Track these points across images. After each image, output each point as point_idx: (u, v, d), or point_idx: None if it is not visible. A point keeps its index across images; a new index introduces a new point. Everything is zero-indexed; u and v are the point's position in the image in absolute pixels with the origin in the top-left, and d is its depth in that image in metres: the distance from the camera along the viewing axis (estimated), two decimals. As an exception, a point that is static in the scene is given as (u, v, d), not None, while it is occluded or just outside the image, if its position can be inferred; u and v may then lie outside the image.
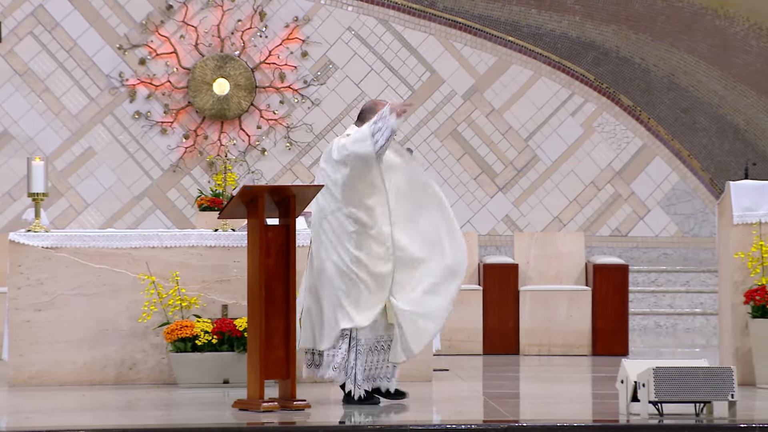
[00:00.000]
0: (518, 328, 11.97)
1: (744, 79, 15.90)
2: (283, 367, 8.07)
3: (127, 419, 8.02)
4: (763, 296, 9.15)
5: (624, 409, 7.69)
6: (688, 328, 14.66)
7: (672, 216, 15.90)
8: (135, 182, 15.53)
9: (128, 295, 9.47)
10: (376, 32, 15.78)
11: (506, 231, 15.63)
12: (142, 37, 15.53)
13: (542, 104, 15.86)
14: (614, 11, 15.78)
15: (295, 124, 15.69)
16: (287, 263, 8.11)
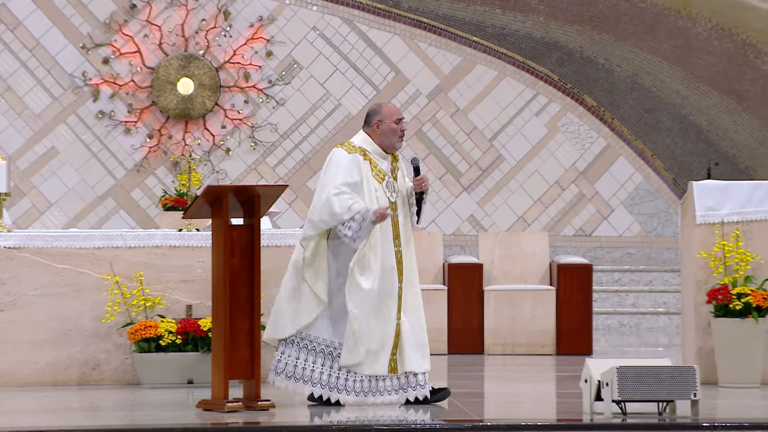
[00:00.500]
0: (483, 328, 12.00)
1: (706, 79, 15.99)
2: (248, 367, 8.06)
3: (90, 420, 7.98)
4: (726, 295, 9.21)
5: (588, 409, 7.72)
6: (651, 328, 14.73)
7: (635, 216, 15.97)
8: (98, 182, 15.46)
9: (92, 296, 9.43)
10: (341, 32, 15.77)
11: (471, 231, 15.66)
12: (105, 37, 15.46)
13: (507, 104, 15.90)
14: (578, 12, 15.83)
15: (260, 124, 15.67)
16: (252, 263, 8.09)
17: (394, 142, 8.24)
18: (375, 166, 8.19)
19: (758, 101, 16.00)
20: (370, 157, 8.21)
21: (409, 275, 8.19)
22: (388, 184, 8.19)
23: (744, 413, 8.05)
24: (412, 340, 8.11)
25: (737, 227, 9.41)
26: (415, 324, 8.17)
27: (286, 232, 9.75)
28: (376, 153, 8.24)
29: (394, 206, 8.18)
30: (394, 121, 8.23)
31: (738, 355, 9.17)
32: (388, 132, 8.23)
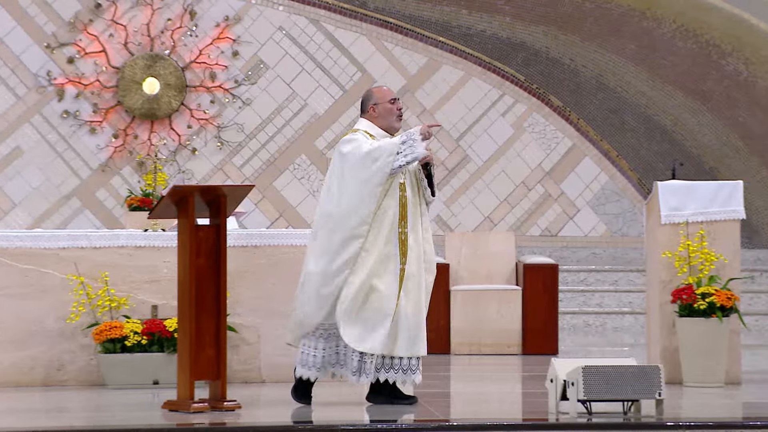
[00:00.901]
0: (449, 328, 12.01)
1: (671, 80, 16.07)
2: (214, 367, 8.04)
3: (55, 421, 7.94)
4: (690, 295, 9.25)
5: (553, 408, 7.74)
6: (616, 327, 14.79)
7: (601, 216, 16.04)
8: (63, 182, 15.39)
9: (56, 296, 9.38)
10: (307, 32, 15.76)
11: (437, 231, 15.68)
12: (70, 36, 15.39)
13: (473, 104, 15.93)
14: (544, 12, 15.88)
15: (226, 124, 15.63)
16: (218, 263, 8.07)
17: (392, 122, 8.25)
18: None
19: (722, 102, 16.09)
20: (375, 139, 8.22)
21: (413, 259, 8.12)
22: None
23: (708, 413, 8.09)
24: (404, 323, 8.08)
25: (702, 227, 9.46)
26: (412, 307, 8.13)
27: (252, 233, 9.74)
28: (380, 137, 8.24)
29: (403, 187, 8.16)
30: (388, 101, 8.25)
31: (702, 354, 9.21)
32: (384, 113, 8.25)
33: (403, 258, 8.09)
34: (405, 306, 8.09)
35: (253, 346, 9.57)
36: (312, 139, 15.69)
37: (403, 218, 8.13)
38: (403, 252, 8.10)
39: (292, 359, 9.56)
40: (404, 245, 8.11)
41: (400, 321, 8.07)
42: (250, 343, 9.58)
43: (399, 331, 8.08)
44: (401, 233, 8.12)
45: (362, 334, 8.03)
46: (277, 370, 9.53)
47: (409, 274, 8.10)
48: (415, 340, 8.10)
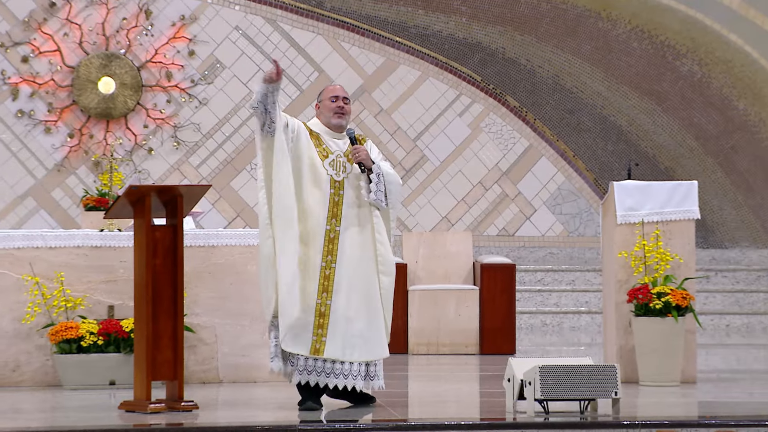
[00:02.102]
0: (407, 328, 12.02)
1: (626, 80, 16.16)
2: (171, 368, 8.01)
3: (10, 422, 7.88)
4: (646, 295, 9.30)
5: (511, 408, 7.76)
6: (573, 327, 14.86)
7: (558, 216, 16.11)
8: (18, 182, 15.28)
9: (12, 296, 9.31)
10: (264, 32, 15.73)
11: (395, 231, 15.69)
12: (24, 35, 15.28)
13: (430, 105, 15.96)
14: (500, 13, 15.93)
15: (183, 124, 15.58)
16: (175, 264, 8.04)
17: (329, 118, 8.15)
18: (320, 144, 8.11)
19: (677, 102, 16.20)
20: (317, 135, 8.13)
21: (346, 259, 8.02)
22: (333, 162, 8.08)
23: (664, 411, 8.14)
24: (341, 326, 8.01)
25: (657, 227, 9.52)
26: (354, 310, 8.03)
27: (209, 232, 9.70)
28: (325, 133, 8.17)
29: (339, 185, 8.06)
30: (329, 98, 8.17)
31: (658, 353, 9.27)
32: (324, 110, 8.19)
33: (327, 257, 8.00)
34: (336, 308, 8.01)
35: (210, 347, 9.54)
36: (269, 138, 15.65)
37: (334, 216, 8.06)
38: (329, 250, 8.03)
39: (250, 359, 9.55)
40: (332, 244, 8.04)
41: (331, 323, 7.99)
42: (207, 344, 9.55)
43: (331, 333, 7.99)
44: (329, 231, 8.03)
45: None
46: (234, 371, 9.50)
47: (339, 275, 7.98)
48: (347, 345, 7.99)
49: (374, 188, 8.06)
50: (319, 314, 7.96)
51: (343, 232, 8.03)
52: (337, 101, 8.17)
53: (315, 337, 7.95)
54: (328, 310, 7.97)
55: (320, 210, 8.02)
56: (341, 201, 8.07)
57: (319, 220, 8.01)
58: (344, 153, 8.12)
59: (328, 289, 7.98)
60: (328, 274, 7.99)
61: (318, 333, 7.95)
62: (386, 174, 8.12)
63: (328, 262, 7.99)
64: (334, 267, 7.99)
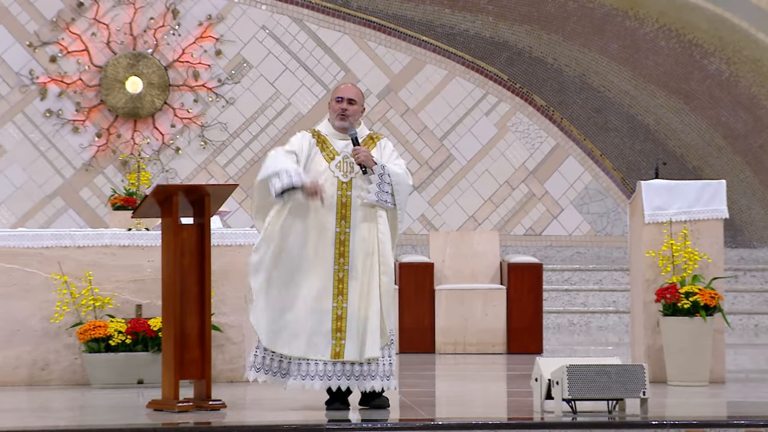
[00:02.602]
0: (434, 327, 12.01)
1: (654, 79, 16.11)
2: (198, 367, 8.02)
3: (39, 421, 7.92)
4: (674, 294, 9.27)
5: (538, 407, 7.75)
6: (601, 326, 14.82)
7: (585, 215, 16.06)
8: (47, 181, 15.34)
9: (40, 295, 9.35)
10: (291, 31, 15.75)
11: (422, 230, 15.69)
12: (52, 35, 15.35)
13: (456, 104, 15.94)
14: (527, 12, 15.90)
15: (210, 123, 15.61)
16: (202, 263, 8.05)
17: (333, 119, 8.08)
18: (328, 146, 8.05)
19: (705, 101, 16.14)
20: (324, 138, 8.06)
21: (356, 259, 7.95)
22: (339, 164, 8.00)
23: (692, 411, 8.11)
24: (355, 327, 7.94)
25: (685, 226, 9.48)
26: (364, 310, 7.97)
27: (236, 232, 9.72)
28: (331, 134, 8.10)
29: (347, 186, 7.97)
30: (334, 99, 8.10)
31: (686, 353, 9.24)
32: (330, 111, 8.13)
33: (339, 259, 7.94)
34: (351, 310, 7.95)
35: (237, 346, 9.56)
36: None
37: (343, 218, 7.96)
38: (340, 253, 7.95)
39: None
40: (343, 246, 7.96)
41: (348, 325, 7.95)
42: (234, 343, 9.56)
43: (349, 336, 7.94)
44: (339, 233, 7.95)
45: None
46: (261, 370, 9.51)
47: (351, 277, 7.91)
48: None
49: (375, 189, 7.94)
50: (337, 317, 7.93)
51: (352, 232, 7.96)
52: (341, 102, 8.05)
53: (334, 341, 7.92)
54: (345, 313, 7.93)
55: (328, 216, 7.96)
56: (349, 202, 7.98)
57: (328, 223, 7.96)
58: (351, 153, 8.02)
59: (342, 292, 7.93)
60: (342, 276, 7.93)
61: (337, 336, 7.92)
62: (393, 174, 7.98)
63: (340, 265, 7.94)
64: (346, 269, 7.93)
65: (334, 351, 7.89)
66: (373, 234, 7.99)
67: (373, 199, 7.93)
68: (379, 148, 8.10)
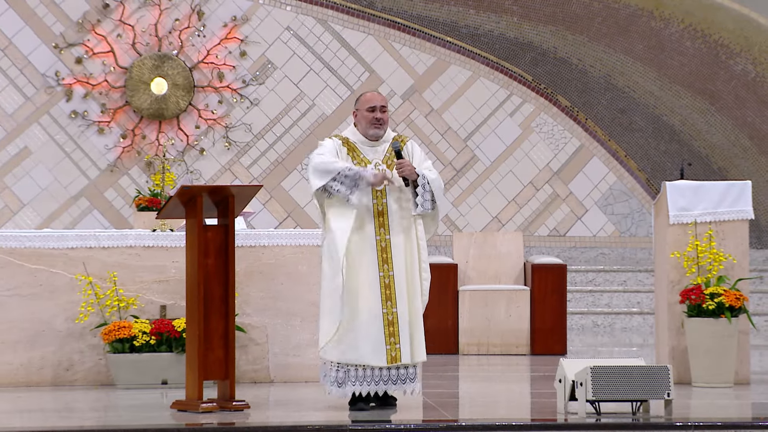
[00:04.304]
0: (457, 328, 12.00)
1: (679, 80, 16.05)
2: (222, 367, 8.04)
3: (64, 421, 7.95)
4: (699, 295, 9.24)
5: (562, 408, 7.74)
6: (625, 328, 14.78)
7: (609, 216, 16.02)
8: (72, 182, 15.41)
9: (65, 296, 9.39)
10: (315, 32, 15.76)
11: (445, 231, 15.68)
12: (78, 36, 15.41)
13: (481, 104, 15.92)
14: (552, 12, 15.87)
15: (234, 124, 15.65)
16: (226, 263, 8.07)
17: (367, 129, 8.18)
18: (358, 155, 8.14)
19: (731, 102, 16.08)
20: (353, 146, 8.16)
21: (400, 265, 8.07)
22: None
23: (717, 413, 8.09)
24: (407, 331, 8.06)
25: (710, 227, 9.45)
26: (413, 315, 8.11)
27: (260, 233, 9.74)
28: (361, 142, 8.20)
29: (382, 194, 8.09)
30: (367, 109, 8.18)
31: (711, 354, 9.20)
32: (362, 120, 8.20)
33: (384, 266, 8.08)
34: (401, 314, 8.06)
35: (261, 346, 9.58)
36: (320, 139, 15.64)
37: (381, 226, 8.09)
38: (383, 259, 8.08)
39: (300, 359, 9.57)
40: (385, 253, 8.08)
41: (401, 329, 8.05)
42: (258, 343, 9.58)
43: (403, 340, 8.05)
44: (380, 241, 8.08)
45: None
46: (285, 371, 9.53)
47: (398, 283, 8.06)
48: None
49: (420, 200, 8.11)
50: (388, 323, 8.02)
51: (392, 239, 8.09)
52: (374, 112, 8.16)
53: (389, 346, 8.00)
54: (396, 317, 8.03)
55: (367, 224, 8.06)
56: (385, 209, 8.11)
57: (370, 233, 8.06)
58: (382, 160, 8.15)
59: (391, 298, 8.04)
60: (388, 282, 8.06)
61: (391, 341, 8.01)
62: (432, 181, 8.16)
63: (385, 271, 8.06)
64: (392, 275, 8.06)
65: (390, 356, 8.00)
66: (412, 238, 8.15)
67: (420, 211, 8.12)
68: (406, 150, 8.21)
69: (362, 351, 7.95)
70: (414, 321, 8.08)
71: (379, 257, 8.04)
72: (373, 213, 8.07)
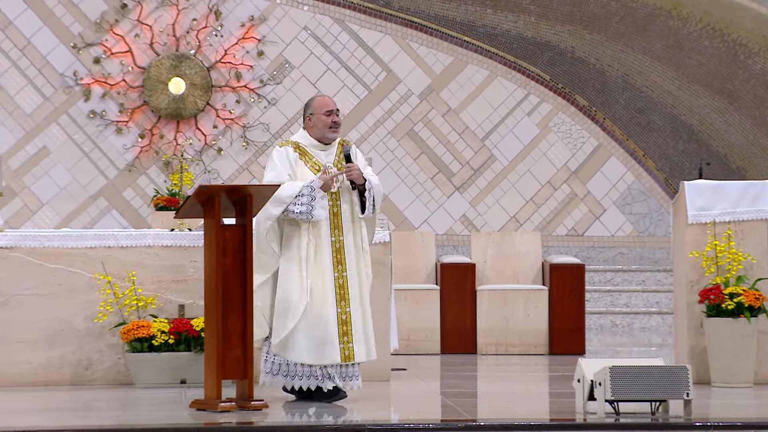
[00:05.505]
0: (475, 328, 12.00)
1: (698, 79, 16.01)
2: (240, 367, 8.05)
3: (83, 420, 7.97)
4: (718, 295, 9.22)
5: (581, 408, 7.72)
6: (644, 327, 14.75)
7: (627, 215, 15.99)
8: (90, 182, 15.44)
9: (84, 295, 9.41)
10: (332, 32, 15.77)
11: (463, 231, 15.67)
12: (96, 36, 15.44)
13: (498, 104, 15.91)
14: (569, 12, 15.85)
15: (252, 124, 15.66)
16: (244, 263, 8.09)
17: (325, 133, 8.44)
18: (310, 159, 8.38)
19: (749, 101, 16.03)
20: (305, 150, 8.42)
21: (351, 266, 8.31)
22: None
23: (736, 413, 8.06)
24: (360, 330, 8.32)
25: (729, 227, 9.43)
26: (364, 312, 8.37)
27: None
28: (312, 146, 8.46)
29: (336, 196, 8.35)
30: (323, 113, 8.44)
31: (730, 354, 9.18)
32: (318, 124, 8.45)
33: (338, 266, 8.28)
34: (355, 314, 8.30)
35: (279, 346, 9.57)
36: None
37: (336, 227, 8.34)
38: (338, 260, 8.29)
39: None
40: (339, 254, 8.30)
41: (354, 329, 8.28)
42: (276, 343, 9.58)
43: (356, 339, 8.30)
44: (334, 242, 8.31)
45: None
46: (303, 370, 9.52)
47: (351, 284, 8.29)
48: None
49: (368, 204, 8.33)
50: (342, 322, 8.25)
51: (345, 239, 8.34)
52: (331, 115, 8.42)
53: (342, 344, 8.23)
54: (349, 317, 8.28)
55: (322, 225, 8.29)
56: (339, 211, 8.37)
57: (324, 232, 8.28)
58: (333, 163, 8.41)
59: (345, 298, 8.28)
60: (342, 283, 8.30)
61: (344, 340, 8.23)
62: (375, 186, 8.37)
63: (339, 272, 8.29)
64: (345, 275, 8.31)
65: (344, 354, 8.24)
66: (359, 239, 8.39)
67: (368, 214, 8.37)
68: (352, 154, 8.44)
69: (317, 348, 8.18)
70: (366, 320, 8.32)
71: (334, 258, 8.29)
72: (329, 215, 8.32)
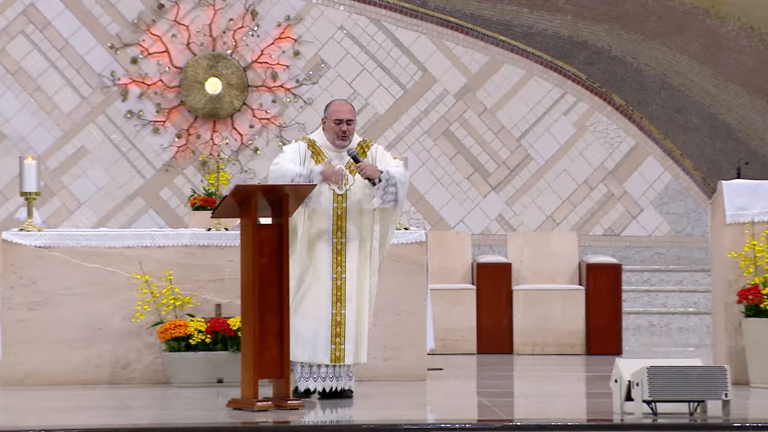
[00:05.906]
0: (512, 328, 11.98)
1: (736, 78, 15.92)
2: (277, 366, 8.07)
3: (120, 419, 8.00)
4: (756, 295, 9.16)
5: (618, 409, 7.70)
6: (681, 328, 14.68)
7: (665, 215, 15.91)
8: (128, 181, 15.51)
9: (122, 295, 9.45)
10: (368, 31, 15.77)
11: (499, 230, 15.64)
12: (133, 36, 15.51)
13: (534, 103, 15.87)
14: (606, 11, 15.79)
15: (288, 124, 15.69)
16: (280, 263, 8.10)
17: (333, 140, 8.54)
18: (322, 158, 8.47)
19: (788, 100, 15.93)
20: (319, 149, 8.50)
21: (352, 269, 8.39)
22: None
23: (775, 414, 8.01)
24: (353, 333, 8.41)
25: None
26: (360, 316, 8.44)
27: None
28: (328, 148, 8.56)
29: (342, 198, 8.42)
30: (333, 120, 8.53)
31: (769, 355, 9.12)
32: (329, 129, 8.57)
33: (337, 268, 8.37)
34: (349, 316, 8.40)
35: (316, 345, 9.58)
36: (373, 138, 15.65)
37: (339, 229, 8.40)
38: (337, 262, 8.36)
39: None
40: (339, 255, 8.36)
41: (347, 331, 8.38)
42: (313, 342, 9.59)
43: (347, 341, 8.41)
44: (336, 244, 8.39)
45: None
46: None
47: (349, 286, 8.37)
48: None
49: (380, 193, 8.35)
50: (335, 323, 8.36)
51: (348, 242, 8.42)
52: (340, 125, 8.50)
53: (333, 345, 8.36)
54: (344, 319, 8.37)
55: (325, 225, 8.37)
56: (344, 213, 8.44)
57: (325, 235, 8.39)
58: (345, 165, 8.48)
59: (341, 299, 8.38)
60: (340, 284, 8.39)
61: (336, 341, 8.35)
62: (396, 174, 8.38)
63: (338, 273, 8.37)
64: (344, 278, 8.39)
65: (334, 355, 8.36)
66: (367, 244, 8.47)
67: (378, 203, 8.38)
68: (371, 154, 8.52)
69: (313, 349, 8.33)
70: (360, 323, 8.40)
71: (334, 259, 8.38)
72: (332, 216, 8.39)
